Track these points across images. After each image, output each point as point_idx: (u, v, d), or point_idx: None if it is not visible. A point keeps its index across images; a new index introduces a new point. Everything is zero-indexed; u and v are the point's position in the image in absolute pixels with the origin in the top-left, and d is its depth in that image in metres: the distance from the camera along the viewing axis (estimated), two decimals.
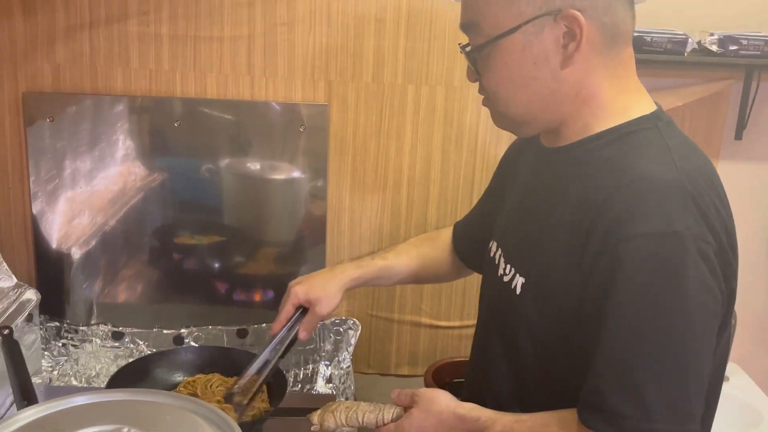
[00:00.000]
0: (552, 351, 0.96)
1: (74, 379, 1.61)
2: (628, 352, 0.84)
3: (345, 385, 1.58)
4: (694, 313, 0.84)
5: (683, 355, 0.84)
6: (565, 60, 0.92)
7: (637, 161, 0.89)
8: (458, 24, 1.00)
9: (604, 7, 0.90)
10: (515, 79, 0.94)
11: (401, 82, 1.64)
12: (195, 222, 1.70)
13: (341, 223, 1.72)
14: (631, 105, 0.95)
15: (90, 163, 1.63)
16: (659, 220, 0.83)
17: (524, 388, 1.02)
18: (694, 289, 0.83)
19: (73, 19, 1.56)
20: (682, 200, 0.85)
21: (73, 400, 0.94)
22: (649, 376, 0.83)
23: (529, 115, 0.97)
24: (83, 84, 1.60)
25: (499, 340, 1.05)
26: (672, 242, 0.83)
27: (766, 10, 1.80)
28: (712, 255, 0.85)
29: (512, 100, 0.96)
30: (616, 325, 0.85)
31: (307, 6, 1.58)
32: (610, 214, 0.86)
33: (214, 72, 1.61)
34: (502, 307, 1.05)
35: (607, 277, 0.85)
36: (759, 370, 2.03)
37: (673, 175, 0.86)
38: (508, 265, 1.04)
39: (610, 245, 0.85)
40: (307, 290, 1.26)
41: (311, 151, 1.66)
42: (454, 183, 1.71)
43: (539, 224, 0.98)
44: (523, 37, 0.91)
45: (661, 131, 0.93)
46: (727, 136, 1.85)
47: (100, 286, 1.70)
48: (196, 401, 0.95)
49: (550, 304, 0.95)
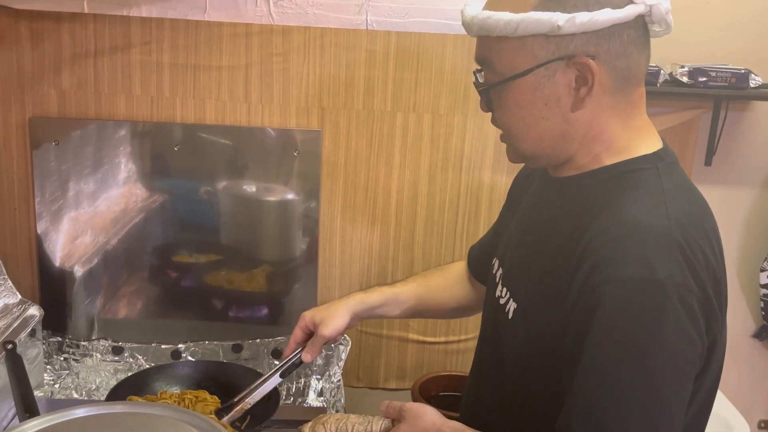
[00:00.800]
0: (536, 379, 0.97)
1: (75, 392, 1.66)
2: (599, 392, 0.84)
3: (335, 398, 1.63)
4: (669, 360, 0.83)
5: (654, 400, 0.83)
6: (576, 103, 0.92)
7: (629, 203, 0.89)
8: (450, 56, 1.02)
9: (617, 53, 0.90)
10: (526, 118, 0.94)
11: (390, 110, 1.71)
12: (193, 241, 1.76)
13: (332, 243, 1.78)
14: (636, 142, 0.95)
15: (93, 184, 1.69)
16: (641, 266, 0.83)
17: (509, 410, 1.02)
18: (671, 337, 0.82)
19: (78, 47, 1.63)
20: (667, 248, 0.84)
21: (74, 412, 0.96)
22: (617, 417, 0.82)
23: (539, 151, 0.98)
24: (88, 109, 1.66)
25: (492, 360, 1.07)
26: (651, 289, 0.82)
27: (733, 44, 1.89)
28: (695, 303, 0.84)
29: (523, 137, 0.97)
30: (589, 365, 0.84)
31: (301, 37, 1.65)
32: (595, 255, 0.86)
33: (212, 99, 1.68)
34: (496, 327, 1.05)
35: (586, 317, 0.85)
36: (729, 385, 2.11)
37: (661, 222, 0.86)
38: (505, 288, 1.05)
39: (591, 286, 0.85)
40: (314, 314, 1.28)
41: (304, 175, 1.73)
42: (441, 205, 1.78)
43: (534, 252, 1.00)
44: (535, 79, 0.91)
45: (660, 172, 0.92)
46: (697, 162, 1.95)
47: (101, 303, 1.75)
48: (194, 413, 0.98)
49: (536, 334, 0.95)
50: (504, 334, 1.02)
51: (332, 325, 1.25)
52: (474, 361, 1.19)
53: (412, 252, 1.80)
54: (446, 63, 1.68)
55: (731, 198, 2.04)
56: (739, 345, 2.18)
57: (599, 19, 0.87)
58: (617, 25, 0.89)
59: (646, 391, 0.83)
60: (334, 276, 1.80)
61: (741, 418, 1.90)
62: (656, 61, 1.81)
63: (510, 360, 1.01)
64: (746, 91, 1.82)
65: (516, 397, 1.01)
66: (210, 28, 1.63)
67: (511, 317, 1.00)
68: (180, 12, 1.61)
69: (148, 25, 1.62)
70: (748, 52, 1.90)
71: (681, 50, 1.86)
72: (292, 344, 1.29)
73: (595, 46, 0.89)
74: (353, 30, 1.65)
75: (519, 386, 1.00)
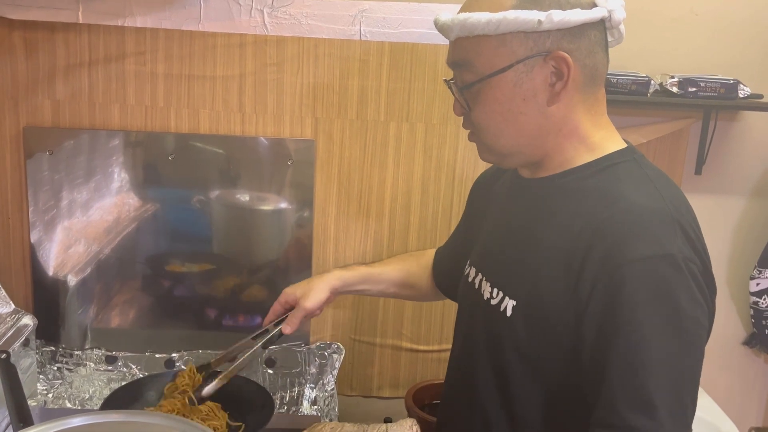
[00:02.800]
0: (542, 368, 0.99)
1: (68, 401, 1.66)
2: (638, 367, 0.88)
3: (329, 407, 1.64)
4: (690, 327, 0.89)
5: (683, 367, 0.89)
6: (552, 97, 0.97)
7: (624, 191, 0.95)
8: (443, 65, 1.04)
9: (587, 51, 0.97)
10: (504, 114, 0.99)
11: (384, 119, 1.72)
12: (186, 251, 1.77)
13: (326, 252, 1.79)
14: (605, 140, 1.02)
15: (86, 194, 1.69)
16: (653, 244, 0.89)
17: (513, 405, 1.03)
18: (689, 306, 0.89)
19: (72, 57, 1.64)
20: (670, 226, 0.91)
21: (69, 421, 0.96)
22: (658, 388, 0.87)
23: (515, 148, 1.02)
24: (82, 119, 1.67)
25: (486, 362, 1.07)
26: (667, 263, 0.89)
27: (722, 55, 1.91)
28: (698, 274, 0.91)
29: (501, 134, 1.01)
30: (623, 343, 0.88)
31: (295, 48, 1.66)
32: (607, 241, 0.91)
33: (206, 109, 1.68)
34: (490, 330, 1.06)
35: (608, 300, 0.90)
36: (720, 392, 2.12)
37: (659, 203, 0.93)
38: (495, 288, 1.06)
39: (609, 270, 0.90)
40: (294, 288, 1.32)
41: (298, 184, 1.74)
42: (434, 214, 1.79)
43: (525, 249, 1.02)
44: (514, 75, 0.96)
45: (639, 163, 1.00)
46: (687, 171, 1.96)
47: (95, 312, 1.76)
48: (188, 422, 0.97)
49: (541, 326, 0.98)
50: (502, 333, 1.03)
51: (313, 297, 1.29)
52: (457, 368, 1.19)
53: None
54: (439, 73, 1.69)
55: (721, 207, 2.05)
56: (730, 352, 2.20)
57: (572, 18, 0.94)
58: (585, 24, 0.96)
59: (679, 360, 0.88)
60: None
61: (732, 426, 1.91)
62: (646, 71, 1.83)
63: (511, 355, 1.02)
64: (735, 101, 1.84)
65: (518, 390, 1.02)
66: (204, 39, 1.64)
67: (510, 314, 1.01)
68: (174, 22, 1.62)
69: (142, 36, 1.63)
70: (736, 63, 1.92)
71: (671, 61, 1.88)
72: (271, 317, 1.32)
73: (568, 43, 0.96)
74: (347, 40, 1.67)
75: (522, 380, 1.02)
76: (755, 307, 2.11)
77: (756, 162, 2.05)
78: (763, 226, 2.08)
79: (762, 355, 2.23)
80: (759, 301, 2.10)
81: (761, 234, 2.08)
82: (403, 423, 1.24)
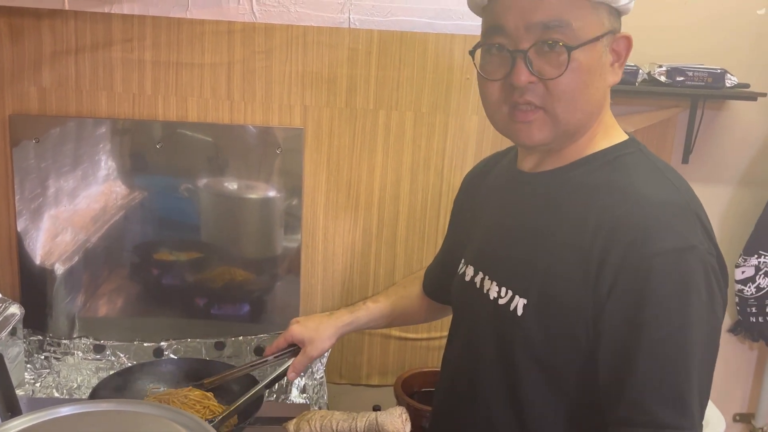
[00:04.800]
0: (553, 366, 0.97)
1: (56, 391, 1.65)
2: (666, 362, 0.86)
3: (318, 395, 1.64)
4: (712, 321, 0.89)
5: (706, 357, 0.89)
6: (612, 76, 0.98)
7: (637, 184, 0.93)
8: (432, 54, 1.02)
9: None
10: (588, 84, 0.95)
11: (373, 108, 1.72)
12: (174, 239, 1.76)
13: (315, 240, 1.79)
14: (614, 127, 1.01)
15: (73, 182, 1.68)
16: (676, 237, 0.88)
17: (521, 404, 1.00)
18: (710, 298, 0.89)
19: (59, 44, 1.62)
20: (689, 218, 0.91)
21: (58, 410, 0.94)
22: (687, 384, 0.86)
23: (582, 122, 0.97)
24: (68, 107, 1.65)
25: (498, 367, 1.03)
26: (691, 255, 0.88)
27: (709, 44, 1.92)
28: (716, 266, 0.91)
29: (576, 105, 0.95)
30: (652, 339, 0.87)
31: (284, 35, 1.66)
32: (627, 236, 0.89)
33: (195, 96, 1.68)
34: (499, 332, 1.02)
35: (632, 296, 0.88)
36: None
37: (675, 196, 0.92)
38: (503, 287, 1.02)
39: (633, 264, 0.88)
40: (302, 330, 1.32)
41: (287, 172, 1.73)
42: (423, 203, 1.79)
43: (535, 245, 0.99)
44: (601, 46, 0.95)
45: (645, 154, 0.98)
46: (675, 160, 1.97)
47: (82, 301, 1.75)
48: (178, 411, 0.96)
49: (555, 324, 0.95)
50: (513, 334, 0.99)
51: (320, 346, 1.32)
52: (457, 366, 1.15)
53: (394, 249, 1.81)
54: (428, 62, 1.69)
55: (708, 195, 2.04)
56: None
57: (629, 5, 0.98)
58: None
59: (702, 353, 0.88)
60: (316, 273, 1.81)
61: (717, 412, 1.94)
62: (635, 60, 1.83)
63: (521, 353, 0.99)
64: (722, 90, 1.85)
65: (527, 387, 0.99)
66: (192, 26, 1.63)
67: (522, 313, 0.98)
68: (162, 9, 1.61)
69: (129, 23, 1.62)
70: (723, 52, 1.93)
71: (659, 50, 1.89)
72: (274, 349, 1.35)
73: (620, 26, 0.98)
74: (336, 28, 1.66)
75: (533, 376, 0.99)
76: (740, 294, 2.14)
77: (742, 151, 2.07)
78: (749, 215, 2.10)
79: (747, 342, 2.26)
80: (744, 289, 2.12)
81: (747, 222, 2.10)
82: (392, 411, 1.24)
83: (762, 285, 2.10)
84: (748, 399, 2.32)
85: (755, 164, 2.08)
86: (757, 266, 2.08)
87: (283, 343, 1.34)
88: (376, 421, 1.22)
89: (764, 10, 1.93)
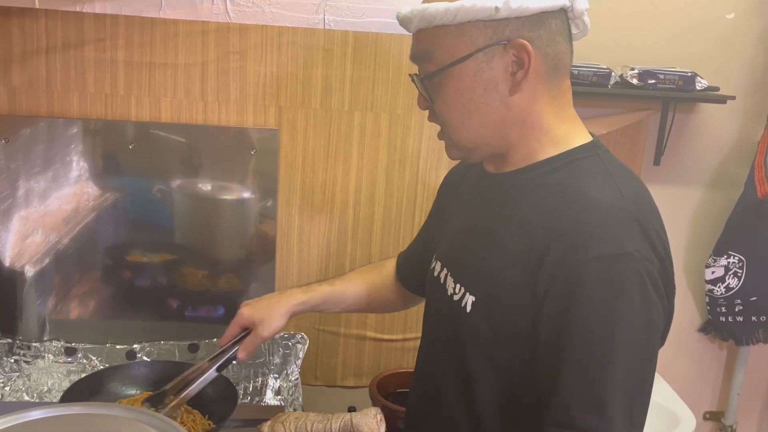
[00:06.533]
0: (503, 365, 0.99)
1: (26, 394, 1.63)
2: (591, 367, 0.88)
3: (293, 396, 1.63)
4: (645, 327, 0.89)
5: (636, 367, 0.89)
6: (513, 87, 0.96)
7: (585, 188, 0.94)
8: (408, 56, 1.02)
9: (548, 39, 0.95)
10: (467, 105, 0.97)
11: (348, 109, 1.72)
12: (147, 241, 1.75)
13: (290, 242, 1.79)
14: (570, 133, 1.00)
15: (44, 183, 1.66)
16: (612, 243, 0.88)
17: (476, 402, 1.03)
18: (644, 306, 0.88)
19: (29, 44, 1.60)
20: (629, 224, 0.90)
21: (29, 414, 0.94)
22: (610, 389, 0.87)
23: (479, 140, 1.01)
24: (39, 107, 1.63)
25: (450, 357, 1.06)
26: (625, 263, 0.88)
27: (680, 48, 1.95)
28: (656, 273, 0.90)
29: (464, 126, 0.99)
30: (578, 343, 0.88)
31: (258, 36, 1.65)
32: (565, 239, 0.90)
33: (168, 97, 1.66)
34: (452, 325, 1.05)
35: (564, 298, 0.89)
36: (676, 377, 2.18)
37: (619, 201, 0.92)
38: (458, 284, 1.05)
39: (567, 269, 0.89)
40: (252, 312, 1.29)
41: (262, 173, 1.72)
42: (398, 204, 1.79)
43: (488, 245, 1.01)
44: (474, 64, 0.95)
45: (602, 159, 0.98)
46: (646, 162, 2.00)
47: (53, 303, 1.73)
48: (151, 413, 0.96)
49: (500, 322, 0.97)
50: (463, 329, 1.03)
51: (271, 326, 1.28)
52: (424, 363, 1.18)
53: (369, 250, 1.81)
54: (403, 63, 1.70)
55: (678, 197, 2.10)
56: (686, 339, 2.25)
57: (530, 6, 0.93)
58: (545, 12, 0.95)
59: (631, 360, 0.88)
60: (291, 274, 1.80)
61: (687, 410, 1.97)
62: (607, 63, 1.86)
63: (472, 350, 1.02)
64: (693, 93, 1.88)
65: (480, 385, 1.02)
66: (166, 26, 1.62)
67: (470, 310, 1.01)
68: (135, 9, 1.60)
69: (102, 22, 1.60)
70: (694, 56, 1.96)
71: (631, 53, 1.92)
72: (228, 337, 1.30)
73: (528, 32, 0.94)
74: (310, 29, 1.66)
75: (483, 374, 1.01)
76: (710, 294, 2.17)
77: (712, 153, 2.10)
78: (719, 216, 2.13)
79: (716, 342, 2.30)
80: (714, 289, 2.15)
81: (716, 224, 2.13)
82: (367, 412, 1.24)
83: (731, 285, 2.13)
84: (717, 397, 2.36)
85: (724, 166, 2.11)
86: (726, 266, 2.12)
87: (236, 329, 1.30)
88: (351, 422, 1.22)
89: (733, 15, 1.96)
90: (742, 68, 2.01)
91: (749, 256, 2.11)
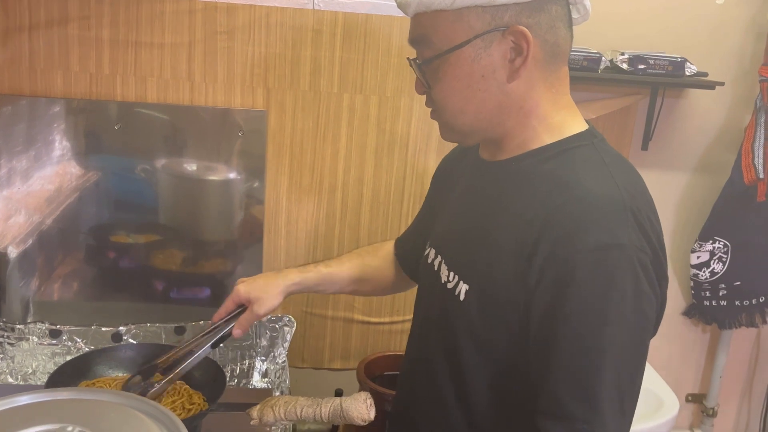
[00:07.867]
0: (495, 352, 0.99)
1: (10, 377, 1.62)
2: (581, 357, 0.88)
3: (280, 379, 1.63)
4: (636, 319, 0.89)
5: (628, 358, 0.89)
6: (511, 73, 0.95)
7: (579, 177, 0.93)
8: (398, 38, 1.02)
9: (547, 26, 0.94)
10: (464, 91, 0.97)
11: (337, 91, 1.70)
12: (132, 221, 1.73)
13: (278, 224, 1.78)
14: (566, 121, 0.99)
15: (26, 162, 1.63)
16: (605, 233, 0.87)
17: (468, 389, 1.03)
18: (636, 297, 0.88)
19: (12, 21, 1.56)
20: (622, 214, 0.89)
21: (17, 399, 0.93)
22: (603, 381, 0.87)
23: (476, 126, 1.00)
24: (22, 86, 1.60)
25: (442, 344, 1.06)
26: (618, 253, 0.87)
27: (670, 33, 1.95)
28: (649, 264, 0.89)
29: (460, 111, 0.99)
30: (570, 334, 0.88)
31: (246, 16, 1.62)
32: (557, 230, 0.89)
33: (154, 77, 1.63)
34: (445, 312, 1.05)
35: (556, 289, 0.88)
36: (660, 360, 2.20)
37: (613, 191, 0.90)
38: (452, 272, 1.05)
39: (558, 259, 0.88)
40: (249, 289, 1.28)
41: (249, 155, 1.70)
42: (386, 187, 1.78)
43: (481, 234, 1.01)
44: (472, 50, 0.94)
45: (596, 148, 0.97)
46: (634, 147, 2.01)
47: (37, 284, 1.71)
48: (140, 399, 0.95)
49: (493, 311, 0.97)
50: (455, 317, 1.02)
51: (267, 304, 1.26)
52: (416, 348, 1.18)
53: (357, 233, 1.80)
54: (393, 45, 1.68)
55: (665, 182, 2.11)
56: (671, 322, 2.28)
57: None
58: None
59: (621, 351, 0.88)
60: (279, 256, 1.79)
61: (671, 392, 1.99)
62: (598, 48, 1.85)
63: (464, 338, 1.01)
64: (682, 78, 1.88)
65: (471, 372, 1.02)
66: (152, 4, 1.59)
67: (464, 298, 1.01)
68: None
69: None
70: (684, 41, 1.96)
71: (621, 38, 1.91)
72: (222, 313, 1.29)
73: (527, 18, 0.93)
74: (299, 9, 1.63)
75: (474, 362, 1.01)
76: (695, 279, 2.19)
77: (699, 139, 2.11)
78: (705, 202, 2.14)
79: (700, 325, 2.33)
80: (699, 273, 2.17)
81: (703, 209, 2.15)
82: (357, 396, 1.24)
83: (716, 270, 2.15)
84: (700, 380, 2.39)
85: (712, 151, 2.12)
86: (711, 251, 2.13)
87: (231, 305, 1.29)
88: (340, 407, 1.22)
89: (723, 1, 1.96)
90: (731, 54, 2.02)
91: (734, 242, 2.13)
